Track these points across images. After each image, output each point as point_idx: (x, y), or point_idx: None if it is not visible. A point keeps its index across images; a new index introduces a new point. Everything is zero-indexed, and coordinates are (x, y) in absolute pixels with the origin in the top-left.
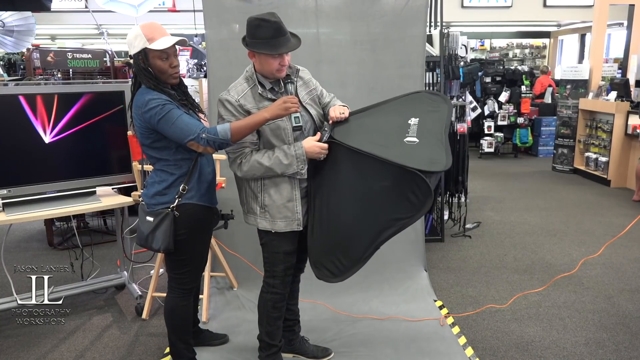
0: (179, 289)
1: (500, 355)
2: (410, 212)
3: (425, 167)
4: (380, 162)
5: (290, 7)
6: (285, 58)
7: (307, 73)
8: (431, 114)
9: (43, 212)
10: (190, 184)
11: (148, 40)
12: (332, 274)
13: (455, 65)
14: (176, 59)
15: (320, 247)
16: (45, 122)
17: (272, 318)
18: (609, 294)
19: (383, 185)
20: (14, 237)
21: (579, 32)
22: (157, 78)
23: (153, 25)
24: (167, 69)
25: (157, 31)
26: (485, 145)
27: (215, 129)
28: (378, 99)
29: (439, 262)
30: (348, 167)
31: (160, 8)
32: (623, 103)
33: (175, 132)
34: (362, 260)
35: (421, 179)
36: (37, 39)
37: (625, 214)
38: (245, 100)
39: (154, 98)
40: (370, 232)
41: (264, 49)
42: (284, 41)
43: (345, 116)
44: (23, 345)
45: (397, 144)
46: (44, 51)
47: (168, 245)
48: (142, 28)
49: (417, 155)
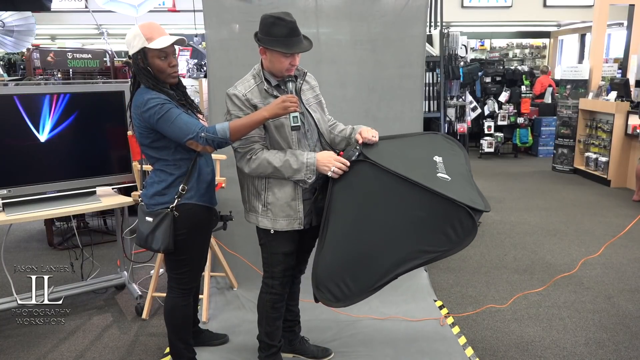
0: (178, 289)
1: (500, 355)
2: (444, 246)
3: (470, 204)
4: (423, 190)
5: (290, 7)
6: (297, 58)
7: (314, 79)
8: (452, 156)
9: (43, 212)
10: (189, 184)
11: (147, 40)
12: (335, 298)
13: (455, 65)
14: (175, 59)
15: (328, 267)
16: (45, 122)
17: (271, 318)
18: (609, 294)
19: (418, 214)
20: (14, 237)
21: (579, 32)
22: (156, 78)
23: (152, 25)
24: (165, 68)
25: (156, 31)
26: (485, 145)
27: (214, 128)
28: (378, 99)
29: (439, 262)
30: (379, 189)
31: (160, 8)
32: (623, 103)
33: (174, 131)
34: (372, 290)
35: (468, 215)
36: (37, 39)
37: (625, 214)
38: (252, 95)
39: (153, 97)
40: (392, 259)
41: (278, 47)
42: (297, 41)
43: (376, 140)
44: (23, 345)
45: (431, 177)
46: (44, 51)
47: (168, 245)
48: (140, 28)
49: (457, 192)
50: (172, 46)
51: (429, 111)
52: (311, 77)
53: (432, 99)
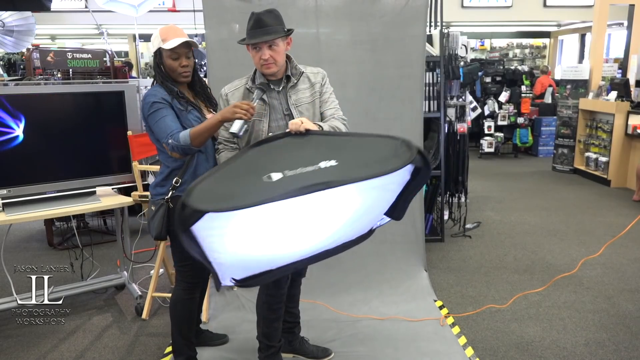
0: (182, 282)
1: (500, 355)
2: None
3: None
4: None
5: (290, 7)
6: (266, 52)
7: (319, 76)
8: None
9: (43, 212)
10: (184, 177)
11: (162, 41)
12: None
13: (455, 65)
14: (187, 60)
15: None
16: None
17: (268, 320)
18: (609, 294)
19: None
20: (14, 237)
21: (579, 32)
22: (167, 75)
23: (170, 27)
24: (176, 67)
25: (172, 33)
26: (485, 145)
27: (178, 136)
28: (378, 99)
29: (439, 262)
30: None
31: (160, 8)
32: (623, 103)
33: (156, 131)
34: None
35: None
36: (37, 39)
37: (625, 214)
38: (233, 95)
39: (151, 94)
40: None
41: (242, 40)
42: (259, 33)
43: (302, 130)
44: (23, 345)
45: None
46: (44, 51)
47: (159, 233)
48: (160, 30)
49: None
50: (183, 47)
51: (429, 111)
52: (315, 75)
53: (432, 99)
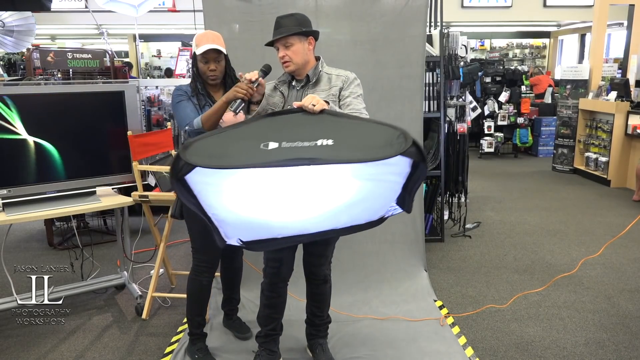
0: (194, 263)
1: (500, 355)
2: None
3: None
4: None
5: (290, 7)
6: (285, 52)
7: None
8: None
9: (43, 212)
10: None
11: (196, 46)
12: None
13: (455, 65)
14: (215, 64)
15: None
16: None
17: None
18: (609, 294)
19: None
20: (14, 237)
21: (579, 32)
22: (198, 76)
23: (204, 34)
24: (205, 71)
25: (205, 39)
26: (485, 145)
27: (193, 122)
28: (378, 99)
29: (439, 262)
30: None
31: (160, 8)
32: (623, 103)
33: (177, 119)
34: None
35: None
36: (37, 39)
37: (625, 214)
38: (268, 86)
39: (178, 88)
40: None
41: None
42: (275, 34)
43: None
44: (23, 345)
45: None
46: (44, 51)
47: (174, 212)
48: (196, 35)
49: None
50: (212, 53)
51: (429, 111)
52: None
53: (432, 99)
